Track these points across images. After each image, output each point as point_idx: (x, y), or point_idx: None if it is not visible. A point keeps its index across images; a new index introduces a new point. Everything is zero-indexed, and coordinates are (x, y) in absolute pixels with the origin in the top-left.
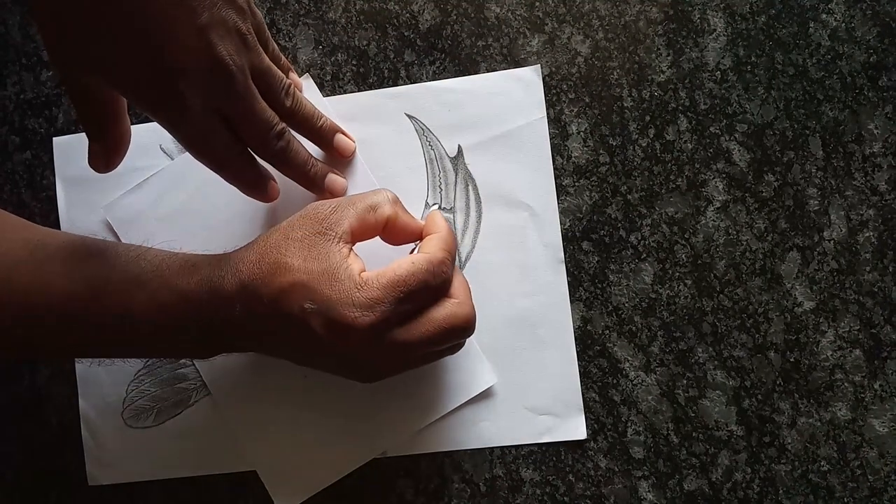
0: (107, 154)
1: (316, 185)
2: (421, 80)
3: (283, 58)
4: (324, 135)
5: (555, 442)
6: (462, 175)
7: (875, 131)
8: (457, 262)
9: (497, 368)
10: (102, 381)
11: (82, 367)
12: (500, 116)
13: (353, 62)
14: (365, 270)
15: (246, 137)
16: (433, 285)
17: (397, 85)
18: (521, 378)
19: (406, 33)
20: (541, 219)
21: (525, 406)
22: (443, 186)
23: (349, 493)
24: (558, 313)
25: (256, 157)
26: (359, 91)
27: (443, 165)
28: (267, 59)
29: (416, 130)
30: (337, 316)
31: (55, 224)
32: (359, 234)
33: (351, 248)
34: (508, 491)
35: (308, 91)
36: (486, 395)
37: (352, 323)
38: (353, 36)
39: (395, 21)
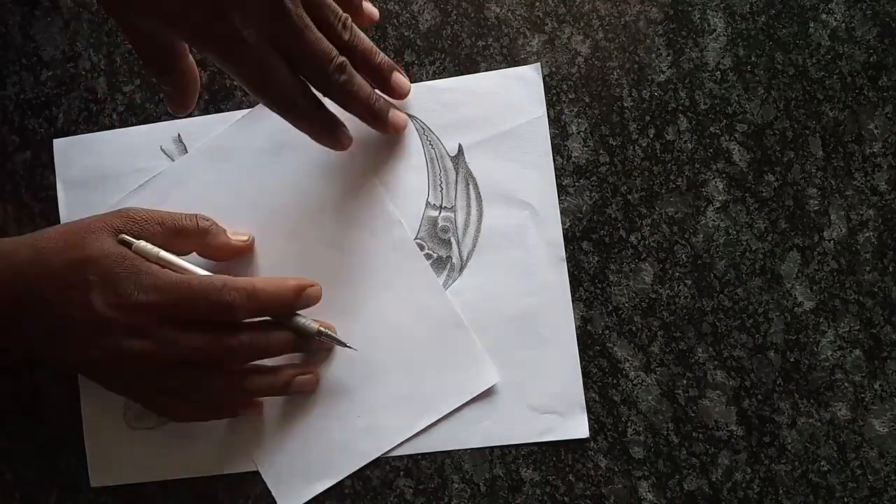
0: (181, 93)
1: (381, 120)
2: (421, 80)
3: None
4: (383, 70)
5: (556, 441)
6: (463, 174)
7: (875, 131)
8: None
9: (499, 367)
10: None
11: None
12: (500, 115)
13: None
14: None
15: (306, 72)
16: (214, 301)
17: None
18: (522, 377)
19: (406, 33)
20: (542, 217)
21: (527, 405)
22: (443, 185)
23: (349, 493)
24: (560, 312)
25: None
26: None
27: (443, 164)
28: None
29: (417, 130)
30: (115, 289)
31: (56, 224)
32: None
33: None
34: (508, 491)
35: None
36: (487, 394)
37: (127, 298)
38: None
39: (395, 21)
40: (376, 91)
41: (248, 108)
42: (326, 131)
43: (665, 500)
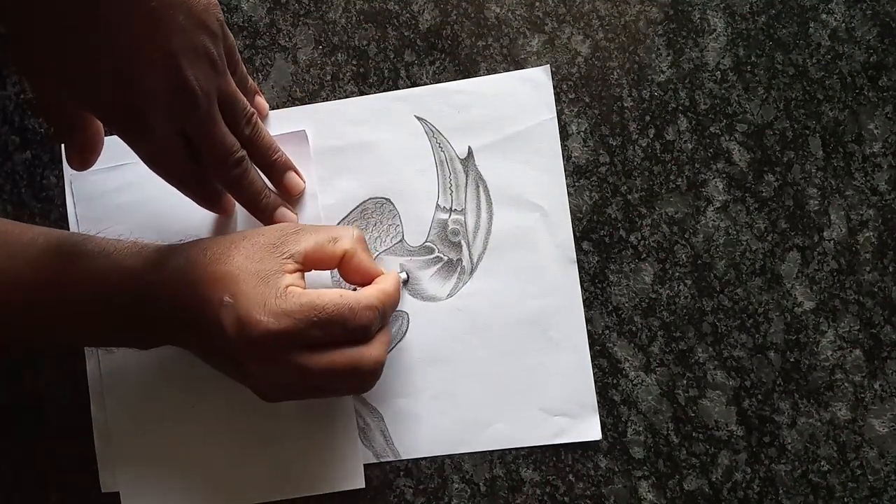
0: (81, 155)
1: (265, 216)
2: (421, 80)
3: (251, 80)
4: (276, 169)
5: (566, 443)
6: (473, 177)
7: (875, 131)
8: (403, 310)
9: (509, 370)
10: (116, 387)
11: (93, 370)
12: (510, 117)
13: (353, 62)
14: (301, 289)
15: (205, 160)
16: (350, 326)
17: (398, 85)
18: (533, 379)
19: (406, 33)
20: (552, 219)
21: (539, 407)
22: (453, 188)
23: (350, 492)
24: (571, 313)
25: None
26: (359, 91)
27: (453, 167)
28: (233, 85)
29: (426, 133)
30: (245, 314)
31: (56, 224)
32: (313, 259)
33: (297, 268)
34: (508, 491)
35: (299, 145)
36: (499, 396)
37: (255, 325)
38: (353, 36)
39: (395, 21)
40: (269, 188)
41: None
42: (211, 202)
43: (665, 500)
